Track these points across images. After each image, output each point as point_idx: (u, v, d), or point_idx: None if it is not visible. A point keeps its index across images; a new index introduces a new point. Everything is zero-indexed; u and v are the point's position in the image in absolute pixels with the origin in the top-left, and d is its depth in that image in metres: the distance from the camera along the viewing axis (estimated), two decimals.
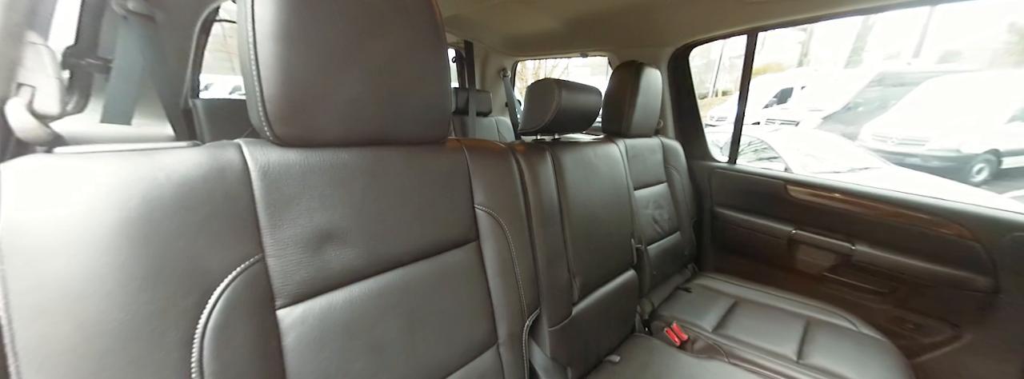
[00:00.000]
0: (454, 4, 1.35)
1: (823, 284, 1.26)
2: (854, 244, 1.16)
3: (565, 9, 1.31)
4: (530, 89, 0.87)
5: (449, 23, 1.58)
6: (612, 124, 1.18)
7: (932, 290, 1.06)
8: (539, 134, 0.91)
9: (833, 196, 1.21)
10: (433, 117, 0.54)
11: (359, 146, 0.48)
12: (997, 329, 0.98)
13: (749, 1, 1.07)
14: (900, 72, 7.01)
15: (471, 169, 0.61)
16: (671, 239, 1.28)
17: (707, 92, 10.90)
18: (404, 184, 0.51)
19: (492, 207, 0.63)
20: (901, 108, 5.82)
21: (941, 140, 4.89)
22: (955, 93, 5.49)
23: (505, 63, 2.19)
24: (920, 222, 1.06)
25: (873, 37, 10.35)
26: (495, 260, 0.63)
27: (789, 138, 4.10)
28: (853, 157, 3.92)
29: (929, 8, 4.07)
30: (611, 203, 0.98)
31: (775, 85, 8.32)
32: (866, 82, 6.99)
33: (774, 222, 1.33)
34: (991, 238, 0.96)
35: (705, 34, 1.36)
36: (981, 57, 8.54)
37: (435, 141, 0.58)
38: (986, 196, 3.46)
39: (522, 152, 0.76)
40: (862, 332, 1.01)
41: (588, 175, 0.91)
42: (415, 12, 0.47)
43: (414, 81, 0.49)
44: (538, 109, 0.85)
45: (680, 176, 1.37)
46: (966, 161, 4.73)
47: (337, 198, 0.45)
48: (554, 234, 0.78)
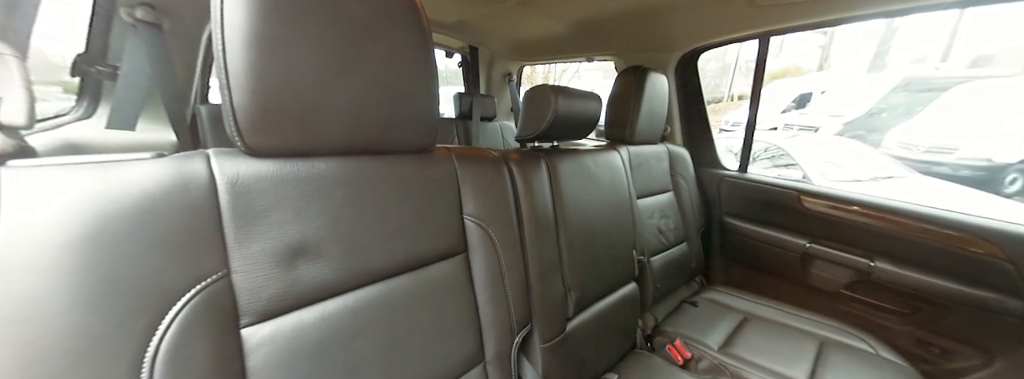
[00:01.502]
0: (459, 10, 1.34)
1: (839, 302, 1.18)
2: (873, 260, 1.09)
3: (571, 13, 1.28)
4: (527, 96, 0.84)
5: (454, 28, 1.57)
6: (615, 131, 1.14)
7: (960, 312, 0.98)
8: (537, 141, 0.88)
9: (851, 209, 1.14)
10: (420, 126, 0.52)
11: (339, 156, 0.46)
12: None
13: (760, 4, 1.01)
14: (927, 77, 6.70)
15: (460, 178, 0.59)
16: (677, 250, 1.23)
17: (723, 96, 10.67)
18: (387, 195, 0.49)
19: (482, 218, 0.61)
20: (928, 114, 5.56)
21: (972, 149, 4.64)
22: (988, 100, 5.21)
23: (511, 68, 2.18)
24: (947, 239, 0.98)
25: (897, 41, 9.94)
26: (484, 273, 0.60)
27: (808, 144, 3.95)
28: (876, 165, 3.74)
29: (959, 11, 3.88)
30: (611, 213, 0.94)
31: (794, 90, 8.07)
32: (890, 87, 6.70)
33: (787, 234, 1.26)
34: (1022, 257, 0.88)
35: (714, 39, 1.31)
36: (1016, 62, 8.10)
37: (422, 150, 0.56)
38: (1021, 209, 3.25)
39: (516, 160, 0.73)
40: (881, 356, 0.94)
41: (587, 184, 0.87)
42: (401, 20, 0.46)
43: (399, 89, 0.47)
44: (535, 116, 0.82)
45: (687, 184, 1.32)
46: (999, 171, 4.47)
47: (313, 210, 0.43)
48: (548, 246, 0.75)
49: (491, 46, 1.93)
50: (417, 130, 0.52)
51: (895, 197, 1.11)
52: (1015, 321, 0.90)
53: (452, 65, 2.14)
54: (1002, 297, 0.91)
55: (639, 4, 1.14)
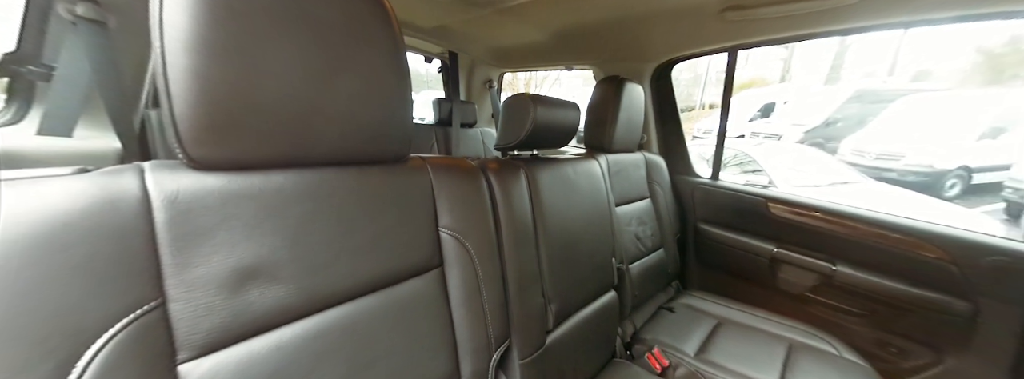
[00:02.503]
0: (437, 15, 1.31)
1: (806, 305, 1.22)
2: (835, 264, 1.13)
3: (550, 22, 1.28)
4: (506, 104, 0.82)
5: (433, 33, 1.54)
6: (594, 139, 1.14)
7: (913, 313, 1.03)
8: (516, 150, 0.86)
9: (813, 215, 1.19)
10: (392, 134, 0.49)
11: (300, 168, 0.42)
12: (977, 354, 0.94)
13: (730, 19, 1.04)
14: (876, 90, 7.19)
15: (436, 189, 0.56)
16: (654, 256, 1.24)
17: (695, 105, 11.05)
18: (355, 209, 0.46)
19: (458, 230, 0.58)
20: (877, 124, 5.95)
21: (916, 156, 4.99)
22: (927, 111, 5.63)
23: (491, 74, 2.15)
24: (900, 244, 1.03)
25: (850, 55, 10.64)
26: (460, 288, 0.57)
27: (772, 152, 4.14)
28: (834, 171, 3.96)
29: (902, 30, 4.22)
30: (591, 221, 0.93)
31: (759, 99, 8.46)
32: (844, 98, 7.14)
33: (756, 240, 1.30)
34: (969, 262, 0.93)
35: (687, 51, 1.34)
36: (951, 77, 8.84)
37: (395, 160, 0.53)
38: (958, 211, 3.52)
39: (494, 170, 0.71)
40: (844, 357, 0.97)
41: (566, 193, 0.86)
42: (369, 24, 0.43)
43: (369, 96, 0.44)
44: (513, 125, 0.80)
45: (663, 192, 1.33)
46: (939, 177, 4.82)
47: (268, 228, 0.39)
48: (528, 257, 0.72)
49: (471, 52, 1.90)
50: (389, 140, 0.49)
51: (853, 204, 1.16)
52: (961, 321, 0.95)
53: (432, 69, 2.10)
54: (949, 298, 0.96)
55: (616, 16, 1.15)
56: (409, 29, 1.51)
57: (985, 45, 8.64)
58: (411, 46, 1.85)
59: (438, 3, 1.16)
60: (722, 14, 1.03)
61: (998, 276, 0.89)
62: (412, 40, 1.71)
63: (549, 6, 1.12)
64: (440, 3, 1.16)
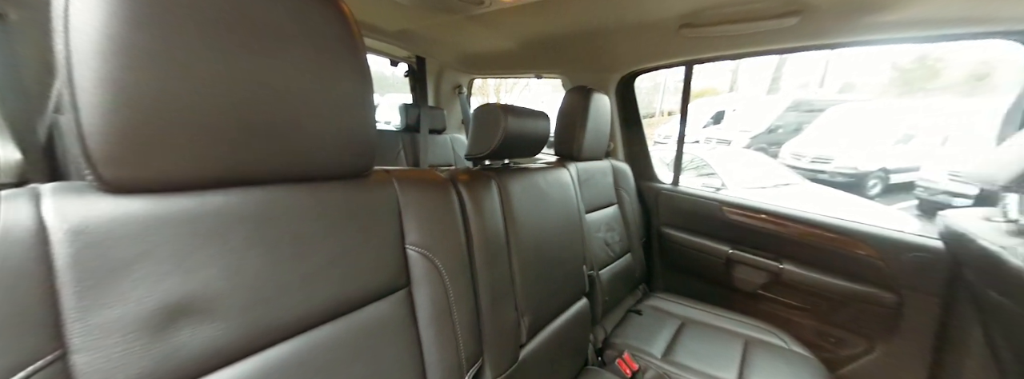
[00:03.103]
0: (402, 18, 1.27)
1: (758, 301, 1.29)
2: (782, 263, 1.21)
3: (518, 31, 1.27)
4: (476, 114, 0.80)
5: (398, 37, 1.49)
6: (564, 148, 1.15)
7: (849, 306, 1.11)
8: (488, 159, 0.84)
9: (761, 217, 1.26)
10: (351, 147, 0.45)
11: (243, 186, 0.38)
12: (903, 341, 1.04)
13: (686, 36, 1.09)
14: (810, 99, 7.88)
15: (402, 204, 0.52)
16: (622, 261, 1.26)
17: (655, 112, 11.57)
18: (310, 229, 0.41)
19: (427, 247, 0.54)
20: (811, 131, 6.51)
21: (843, 159, 5.51)
22: (852, 119, 6.25)
23: (461, 80, 2.11)
24: (836, 242, 1.11)
25: (787, 69, 11.62)
26: (429, 308, 0.54)
27: (723, 156, 4.40)
28: (776, 174, 4.27)
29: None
30: (563, 230, 0.92)
31: (712, 108, 9.00)
32: (784, 107, 7.77)
33: (713, 242, 1.36)
34: (893, 257, 1.02)
35: (648, 64, 1.39)
36: (872, 89, 9.92)
37: (356, 174, 0.48)
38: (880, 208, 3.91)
39: (465, 182, 0.68)
40: (792, 350, 1.03)
41: (538, 203, 0.85)
42: (323, 27, 0.39)
43: (324, 106, 0.40)
44: (484, 135, 0.78)
45: (629, 197, 1.37)
46: (863, 177, 5.34)
47: (202, 257, 0.34)
48: (500, 271, 0.70)
49: (439, 57, 1.86)
50: (349, 152, 0.45)
51: (796, 207, 1.24)
52: (888, 311, 1.04)
53: (399, 72, 2.02)
54: (878, 291, 1.05)
55: (582, 28, 1.17)
56: (373, 32, 1.44)
57: (898, 62, 9.76)
58: (375, 49, 1.77)
59: (403, 7, 1.12)
60: (679, 31, 1.08)
61: (918, 270, 0.99)
62: (376, 43, 1.63)
63: (516, 15, 1.12)
64: (405, 7, 1.12)
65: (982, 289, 0.72)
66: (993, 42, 0.88)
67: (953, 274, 0.93)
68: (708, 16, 1.00)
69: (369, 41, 1.58)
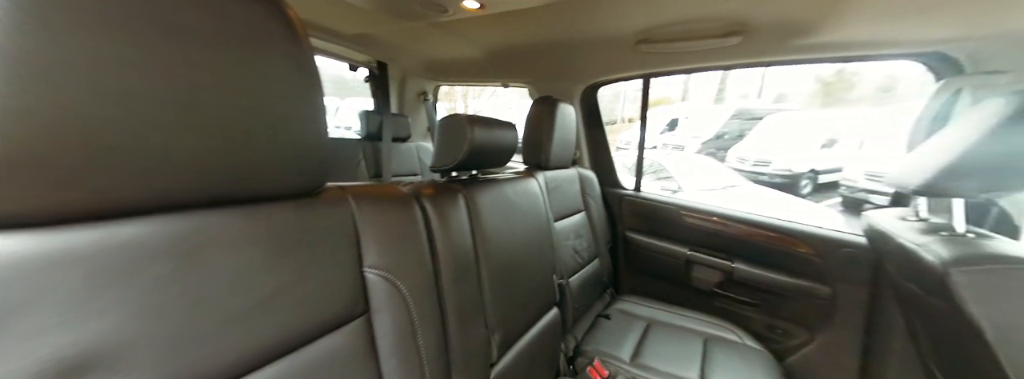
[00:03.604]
0: (360, 22, 1.20)
1: (714, 299, 1.35)
2: (733, 262, 1.28)
3: (483, 39, 1.26)
4: (442, 124, 0.77)
5: (357, 41, 1.41)
6: (532, 157, 1.14)
7: (791, 299, 1.19)
8: (455, 171, 0.81)
9: (714, 220, 1.33)
10: (299, 162, 0.40)
11: (160, 213, 0.32)
12: (838, 329, 1.13)
13: (642, 51, 1.13)
14: (751, 108, 8.59)
15: (359, 224, 0.48)
16: (591, 267, 1.27)
17: (617, 119, 12.05)
18: (247, 258, 0.36)
19: (388, 269, 0.50)
20: (752, 137, 7.08)
21: (780, 162, 6.04)
22: (786, 126, 6.87)
23: (426, 87, 2.03)
24: (779, 241, 1.20)
25: (730, 81, 12.64)
26: (391, 335, 0.50)
27: (678, 161, 4.66)
28: (724, 176, 4.58)
29: None
30: (532, 241, 0.91)
31: (667, 116, 9.54)
32: (729, 115, 8.40)
33: (673, 244, 1.41)
34: (826, 254, 1.11)
35: (609, 76, 1.43)
36: (801, 99, 11.04)
37: (304, 193, 0.43)
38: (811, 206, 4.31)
39: (430, 196, 0.64)
40: (746, 344, 1.09)
41: (508, 214, 0.83)
42: (260, 30, 0.34)
43: (264, 117, 0.35)
44: (450, 146, 0.75)
45: (595, 204, 1.39)
46: (797, 178, 5.88)
47: (107, 301, 0.28)
48: (469, 288, 0.67)
49: (402, 63, 1.78)
50: (296, 168, 0.40)
51: (745, 210, 1.32)
52: (825, 303, 1.13)
53: (360, 75, 1.92)
54: (815, 284, 1.14)
55: (546, 40, 1.18)
56: (329, 35, 1.35)
57: (821, 75, 10.95)
58: (332, 53, 1.66)
59: (362, 11, 1.06)
60: (636, 46, 1.12)
61: (848, 265, 1.08)
62: (333, 47, 1.54)
63: (482, 25, 1.11)
64: (364, 11, 1.06)
65: (901, 281, 0.79)
66: (898, 62, 1.00)
67: (877, 268, 1.02)
68: (661, 33, 1.05)
69: (325, 45, 1.48)
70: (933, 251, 0.62)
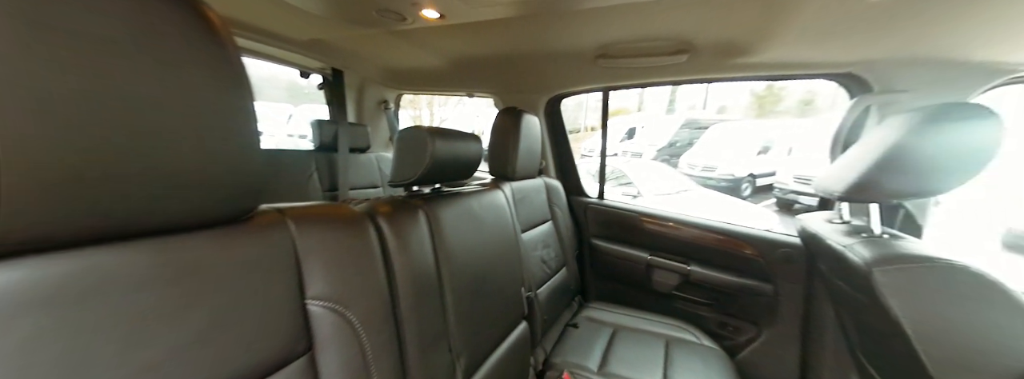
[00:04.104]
0: (312, 28, 1.12)
1: (674, 301, 1.40)
2: (689, 265, 1.33)
3: (446, 49, 1.22)
4: (400, 138, 0.72)
5: (309, 48, 1.32)
6: (499, 168, 1.12)
7: (740, 298, 1.26)
8: (416, 185, 0.76)
9: (670, 225, 1.38)
10: (224, 182, 0.34)
11: (43, 253, 0.26)
12: (781, 324, 1.20)
13: (602, 66, 1.16)
14: (698, 118, 9.27)
15: (301, 250, 0.42)
16: (559, 276, 1.26)
17: (580, 127, 12.46)
18: (157, 300, 0.30)
19: (336, 299, 0.44)
20: (700, 145, 7.63)
21: (724, 168, 6.54)
22: (728, 135, 7.47)
23: (387, 95, 1.94)
24: (727, 244, 1.27)
25: (680, 93, 13.62)
26: (340, 374, 0.44)
27: (637, 167, 4.89)
28: (677, 181, 4.86)
29: None
30: (499, 255, 0.88)
31: (626, 124, 10.02)
32: (679, 125, 8.99)
33: (635, 249, 1.45)
34: (768, 254, 1.19)
35: (571, 88, 1.46)
36: (739, 111, 12.14)
37: (232, 218, 0.38)
38: (750, 206, 4.68)
39: (387, 214, 0.59)
40: (702, 344, 1.13)
41: (473, 229, 0.79)
42: (174, 35, 0.29)
43: (179, 133, 0.30)
44: (409, 160, 0.70)
45: (562, 213, 1.39)
46: (738, 182, 6.39)
47: None
48: (431, 312, 0.62)
49: (360, 71, 1.69)
50: (221, 190, 0.34)
51: (698, 215, 1.39)
52: (769, 300, 1.21)
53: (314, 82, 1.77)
54: (759, 283, 1.21)
55: (509, 51, 1.17)
56: (280, 41, 1.26)
57: (755, 90, 12.12)
58: (283, 60, 1.53)
59: (313, 17, 0.99)
60: (596, 61, 1.14)
61: (786, 264, 1.16)
62: (285, 53, 1.42)
63: (443, 35, 1.07)
64: (316, 17, 0.99)
65: (832, 278, 0.86)
66: (818, 80, 1.11)
67: (811, 266, 1.11)
68: (618, 50, 1.08)
69: (275, 51, 1.37)
70: (858, 252, 0.67)
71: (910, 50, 0.85)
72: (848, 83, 1.04)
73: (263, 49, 1.35)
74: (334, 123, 1.60)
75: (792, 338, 1.18)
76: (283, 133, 8.95)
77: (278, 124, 9.33)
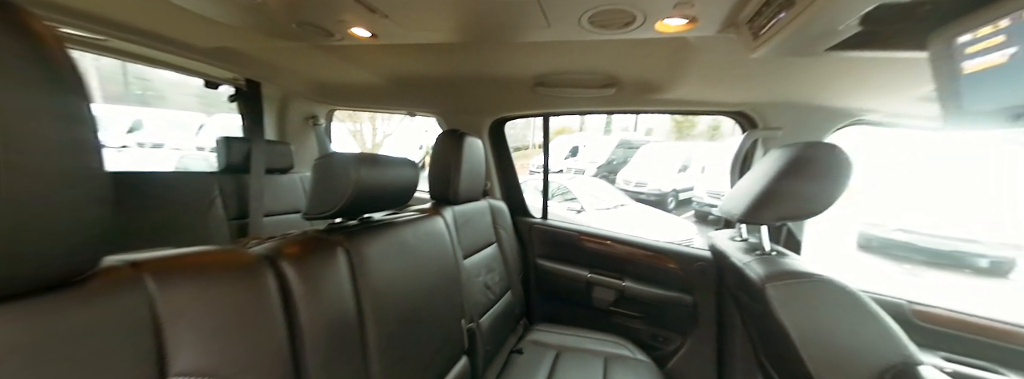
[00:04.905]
0: (220, 36, 0.98)
1: (611, 317, 1.44)
2: (624, 280, 1.39)
3: (382, 67, 1.15)
4: (317, 166, 0.64)
5: (218, 56, 1.15)
6: (440, 192, 1.07)
7: (667, 310, 1.34)
8: (339, 217, 0.68)
9: (607, 243, 1.44)
10: (47, 231, 0.25)
11: None
12: (701, 331, 1.30)
13: (540, 93, 1.20)
14: (630, 139, 10.15)
15: (163, 314, 0.33)
16: (503, 301, 1.22)
17: (528, 145, 12.85)
18: None
19: (212, 372, 0.35)
20: (634, 163, 8.33)
21: (653, 184, 7.20)
22: (655, 154, 8.28)
23: (316, 110, 1.75)
24: (654, 259, 1.35)
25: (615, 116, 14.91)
26: None
27: (580, 184, 5.14)
28: (615, 197, 5.20)
29: None
30: (437, 287, 0.82)
31: (570, 143, 10.59)
32: (615, 145, 9.75)
33: (576, 268, 1.47)
34: (687, 267, 1.30)
35: (513, 112, 1.49)
36: (663, 133, 13.63)
37: (62, 280, 0.28)
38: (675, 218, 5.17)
39: (293, 256, 0.50)
40: (636, 358, 1.16)
41: (406, 263, 0.73)
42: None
43: None
44: (328, 191, 0.62)
45: (507, 234, 1.37)
46: (665, 196, 7.05)
47: None
48: (349, 366, 0.54)
49: (282, 84, 1.51)
50: (39, 242, 0.25)
51: (631, 233, 1.47)
52: (689, 310, 1.30)
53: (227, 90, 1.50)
54: (681, 295, 1.30)
55: (451, 73, 1.14)
56: (177, 48, 1.07)
57: (675, 115, 13.77)
58: (183, 68, 1.30)
59: (218, 24, 0.85)
60: (534, 88, 1.18)
61: (701, 276, 1.27)
62: (183, 61, 1.22)
63: (378, 53, 1.00)
64: (223, 25, 0.86)
65: (737, 291, 0.95)
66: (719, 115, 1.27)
67: (720, 279, 1.22)
68: (554, 80, 1.13)
69: (171, 58, 1.17)
70: (754, 269, 0.75)
71: (781, 96, 1.02)
72: (740, 119, 1.21)
73: (157, 55, 1.15)
74: (247, 140, 1.37)
75: (710, 344, 1.27)
76: (192, 145, 7.77)
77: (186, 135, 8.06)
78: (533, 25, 0.73)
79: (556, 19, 0.70)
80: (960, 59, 0.45)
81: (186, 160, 6.19)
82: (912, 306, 0.97)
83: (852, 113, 1.03)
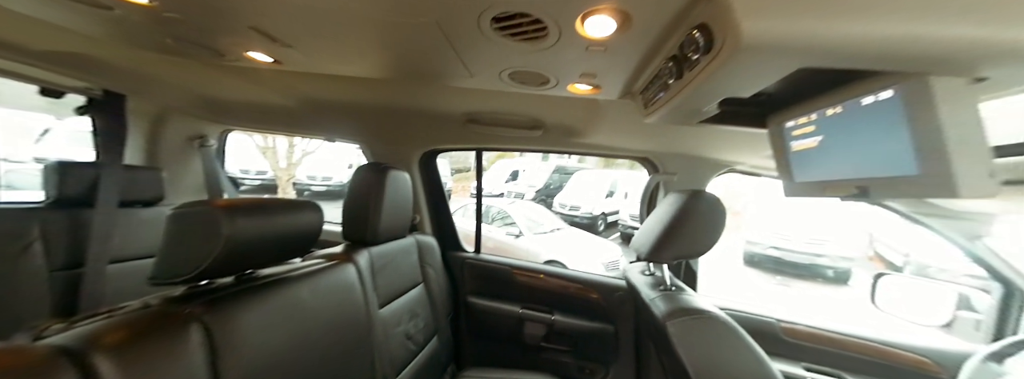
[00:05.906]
0: (65, 40, 0.75)
1: (542, 353, 1.40)
2: (553, 314, 1.38)
3: (293, 90, 1.01)
4: (172, 218, 0.50)
5: (58, 60, 0.87)
6: (355, 233, 0.95)
7: (591, 341, 1.35)
8: (204, 279, 0.53)
9: (539, 277, 1.43)
10: None
11: None
12: (622, 359, 1.33)
13: (472, 129, 1.19)
14: (565, 166, 10.82)
15: None
16: (427, 350, 1.10)
17: (470, 167, 12.85)
18: None
19: None
20: (568, 188, 8.84)
21: (586, 208, 7.67)
22: (586, 181, 8.92)
23: (205, 130, 1.46)
24: (580, 291, 1.37)
25: None
26: None
27: (519, 209, 5.22)
28: (551, 221, 5.38)
29: None
30: (339, 351, 0.69)
31: (511, 167, 10.86)
32: (551, 170, 10.29)
33: (508, 304, 1.42)
34: (608, 297, 1.34)
35: (445, 145, 1.45)
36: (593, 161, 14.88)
37: None
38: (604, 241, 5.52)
39: (111, 347, 0.36)
40: None
41: (296, 329, 0.60)
42: None
43: None
44: (186, 250, 0.49)
45: (436, 272, 1.27)
46: (595, 220, 7.54)
47: None
48: None
49: (157, 97, 1.23)
50: None
51: (560, 267, 1.49)
52: (611, 339, 1.33)
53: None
54: (603, 325, 1.33)
55: (377, 103, 1.06)
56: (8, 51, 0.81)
57: None
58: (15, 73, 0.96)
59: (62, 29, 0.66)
60: (466, 124, 1.16)
61: (620, 306, 1.32)
62: (13, 67, 0.90)
63: (285, 75, 0.87)
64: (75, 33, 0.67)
65: (644, 319, 1.00)
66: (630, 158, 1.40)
67: (636, 307, 1.29)
68: (486, 118, 1.13)
69: (7, 64, 0.88)
70: (657, 306, 0.79)
71: (674, 148, 1.16)
72: (645, 164, 1.34)
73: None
74: (93, 165, 1.04)
75: (631, 367, 1.30)
76: (28, 155, 5.30)
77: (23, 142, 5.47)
78: (457, 73, 0.72)
79: (478, 72, 0.70)
80: (789, 139, 0.55)
81: (11, 177, 4.29)
82: (780, 324, 1.13)
83: (727, 164, 1.21)
